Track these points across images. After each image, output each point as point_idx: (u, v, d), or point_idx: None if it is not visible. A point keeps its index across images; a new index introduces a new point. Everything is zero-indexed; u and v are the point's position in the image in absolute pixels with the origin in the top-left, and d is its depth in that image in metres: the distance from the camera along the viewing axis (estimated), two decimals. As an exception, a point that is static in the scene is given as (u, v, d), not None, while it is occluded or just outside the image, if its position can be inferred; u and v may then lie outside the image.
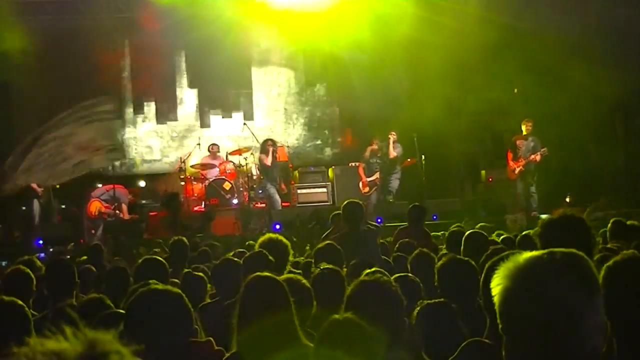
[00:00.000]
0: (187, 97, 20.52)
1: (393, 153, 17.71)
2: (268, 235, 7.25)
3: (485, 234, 8.14)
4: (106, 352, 1.05)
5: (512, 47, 16.51)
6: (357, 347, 3.19)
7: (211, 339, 3.56)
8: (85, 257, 10.61)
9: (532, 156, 17.22)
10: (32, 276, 6.17)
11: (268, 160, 17.46)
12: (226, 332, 4.36)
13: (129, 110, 20.33)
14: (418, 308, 4.12)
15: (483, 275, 3.35)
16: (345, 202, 9.61)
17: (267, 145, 17.66)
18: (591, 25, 15.67)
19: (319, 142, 21.05)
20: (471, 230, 8.21)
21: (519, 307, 2.07)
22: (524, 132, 17.53)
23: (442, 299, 4.31)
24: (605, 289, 2.14)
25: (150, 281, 3.98)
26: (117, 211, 17.06)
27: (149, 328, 3.16)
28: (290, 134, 20.63)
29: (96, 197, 17.11)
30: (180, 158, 18.03)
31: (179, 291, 3.57)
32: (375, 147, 18.04)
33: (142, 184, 18.97)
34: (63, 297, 5.85)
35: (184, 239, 9.01)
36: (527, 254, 2.14)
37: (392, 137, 17.71)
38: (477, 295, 4.22)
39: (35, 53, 17.93)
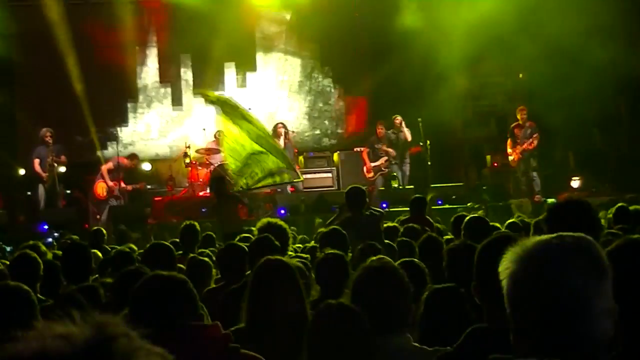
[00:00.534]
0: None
1: (408, 135, 17.65)
2: (267, 219, 7.24)
3: (486, 219, 8.12)
4: (115, 335, 1.04)
5: (522, 33, 16.41)
6: (348, 332, 3.19)
7: (218, 322, 3.56)
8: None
9: (526, 144, 17.25)
10: (40, 261, 6.18)
11: (280, 143, 17.45)
12: (231, 316, 4.37)
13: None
14: (426, 293, 4.11)
15: (476, 259, 3.33)
16: (349, 188, 9.69)
17: (278, 128, 17.66)
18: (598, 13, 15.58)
19: (317, 132, 20.94)
20: (471, 216, 8.21)
21: (528, 292, 2.06)
22: (520, 121, 17.58)
23: (450, 284, 4.30)
24: (614, 271, 2.12)
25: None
26: (123, 183, 17.24)
27: (154, 313, 3.17)
28: (291, 123, 20.52)
29: (100, 179, 17.16)
30: (185, 143, 18.00)
31: (184, 277, 3.57)
32: (381, 132, 18.00)
33: (146, 167, 18.93)
34: (79, 281, 5.83)
35: (196, 223, 9.04)
36: (536, 238, 2.13)
37: (399, 120, 17.65)
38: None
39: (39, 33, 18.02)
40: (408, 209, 11.57)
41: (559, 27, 15.86)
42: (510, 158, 17.69)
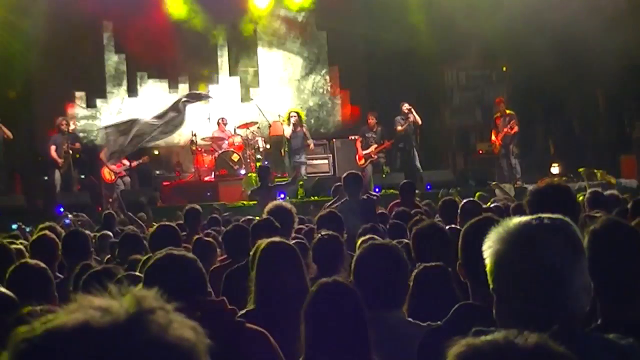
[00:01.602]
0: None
1: (418, 119, 17.62)
2: (275, 202, 7.28)
3: (480, 202, 8.15)
4: (152, 308, 1.05)
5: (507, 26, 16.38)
6: (343, 308, 3.20)
7: (224, 298, 3.58)
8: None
9: (505, 129, 17.29)
10: (57, 241, 6.18)
11: (287, 132, 17.54)
12: (235, 293, 4.38)
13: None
14: (416, 270, 4.12)
15: (461, 239, 3.33)
16: (346, 174, 9.78)
17: (291, 116, 17.74)
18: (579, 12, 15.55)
19: (313, 121, 20.78)
20: (468, 199, 8.25)
21: (510, 269, 2.08)
22: (499, 111, 17.62)
23: (438, 263, 4.30)
24: (590, 251, 2.13)
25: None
26: (127, 161, 17.27)
27: (166, 290, 3.18)
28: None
29: (104, 164, 17.19)
30: (192, 131, 17.98)
31: (194, 256, 3.59)
32: (371, 122, 18.00)
33: (156, 155, 18.94)
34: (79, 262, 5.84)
35: (198, 207, 9.04)
36: (517, 219, 2.14)
37: (406, 106, 17.58)
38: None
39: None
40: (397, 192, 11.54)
41: (543, 22, 15.82)
42: (494, 145, 17.75)
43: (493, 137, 17.83)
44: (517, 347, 1.39)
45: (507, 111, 17.51)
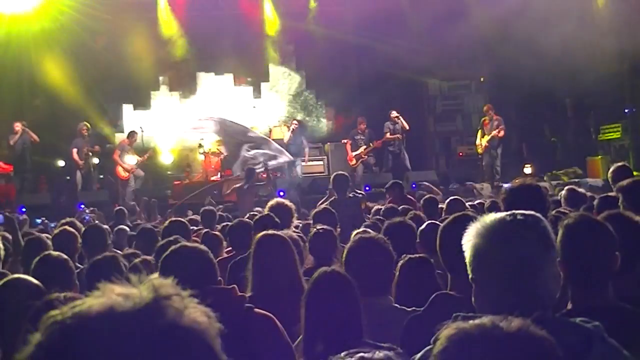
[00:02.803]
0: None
1: (405, 124, 17.60)
2: (276, 200, 7.29)
3: (463, 201, 8.17)
4: (169, 295, 1.07)
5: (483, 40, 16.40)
6: (340, 295, 3.21)
7: (234, 286, 3.59)
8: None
9: (494, 132, 17.32)
10: (77, 235, 6.19)
11: (285, 138, 17.61)
12: (239, 282, 4.39)
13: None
14: (401, 262, 4.12)
15: (439, 236, 3.33)
16: (334, 174, 9.89)
17: (290, 124, 17.94)
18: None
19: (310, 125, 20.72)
20: (452, 197, 8.27)
21: (487, 261, 2.08)
22: (487, 115, 17.63)
23: (422, 255, 4.31)
24: (563, 243, 2.14)
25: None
26: (139, 158, 17.37)
27: (181, 277, 3.17)
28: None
29: (118, 162, 17.19)
30: (200, 137, 18.05)
31: (205, 247, 3.61)
32: (361, 126, 18.00)
33: (167, 157, 18.92)
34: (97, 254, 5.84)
35: (213, 208, 9.08)
36: (493, 215, 2.15)
37: (394, 114, 17.58)
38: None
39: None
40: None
41: (518, 39, 15.84)
42: (479, 147, 17.71)
43: (478, 139, 17.77)
44: (502, 330, 1.41)
45: (496, 116, 17.51)
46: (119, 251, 6.12)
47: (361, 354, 1.76)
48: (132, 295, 1.05)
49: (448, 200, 7.90)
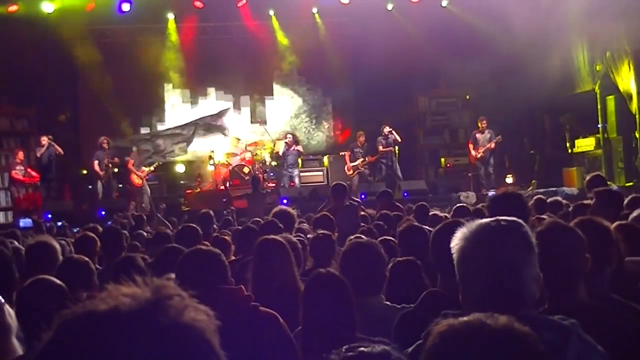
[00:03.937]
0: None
1: (398, 138, 17.54)
2: (280, 207, 7.30)
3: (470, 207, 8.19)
4: (170, 295, 1.07)
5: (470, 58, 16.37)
6: (335, 295, 3.20)
7: (242, 286, 3.58)
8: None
9: (489, 145, 17.31)
10: (96, 239, 6.18)
11: (281, 150, 17.62)
12: (245, 283, 4.37)
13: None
14: (391, 264, 4.11)
15: (431, 239, 3.33)
16: (333, 184, 9.85)
17: (284, 138, 17.93)
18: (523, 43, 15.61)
19: (313, 142, 20.68)
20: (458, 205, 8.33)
21: (473, 262, 2.08)
22: (480, 127, 17.64)
23: (410, 257, 4.30)
24: (538, 248, 2.13)
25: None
26: (151, 168, 17.41)
27: (195, 278, 3.17)
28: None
29: (132, 170, 17.19)
30: (210, 148, 18.07)
31: (218, 250, 3.60)
32: (361, 139, 17.99)
33: (181, 168, 18.94)
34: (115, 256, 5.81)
35: (210, 211, 8.99)
36: (478, 221, 2.14)
37: (387, 129, 17.54)
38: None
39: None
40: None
41: (499, 61, 15.86)
42: (476, 156, 17.64)
43: (472, 151, 17.71)
44: (489, 327, 1.41)
45: (488, 130, 17.52)
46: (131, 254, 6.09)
47: (361, 349, 1.75)
48: (136, 295, 1.05)
49: (455, 207, 7.96)
